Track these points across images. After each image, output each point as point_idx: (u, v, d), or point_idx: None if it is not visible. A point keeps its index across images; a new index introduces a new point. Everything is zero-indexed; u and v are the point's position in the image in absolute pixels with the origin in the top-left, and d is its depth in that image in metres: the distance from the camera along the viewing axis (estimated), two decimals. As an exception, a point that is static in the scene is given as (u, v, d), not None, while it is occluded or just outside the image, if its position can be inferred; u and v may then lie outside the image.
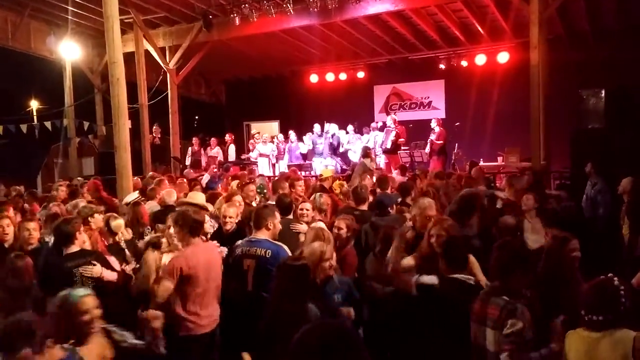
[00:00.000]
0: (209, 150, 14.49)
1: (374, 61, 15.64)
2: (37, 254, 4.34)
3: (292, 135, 14.82)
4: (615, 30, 12.43)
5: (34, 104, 15.58)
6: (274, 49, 14.26)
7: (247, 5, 11.03)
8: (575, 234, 3.63)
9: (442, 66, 14.56)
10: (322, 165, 13.45)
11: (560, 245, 3.54)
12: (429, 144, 12.45)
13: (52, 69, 13.48)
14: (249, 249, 4.01)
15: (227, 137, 14.88)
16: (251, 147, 14.91)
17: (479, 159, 11.45)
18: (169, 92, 13.10)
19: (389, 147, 12.78)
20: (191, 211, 4.00)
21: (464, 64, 14.24)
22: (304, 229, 4.72)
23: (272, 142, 15.04)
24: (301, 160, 14.36)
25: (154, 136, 13.60)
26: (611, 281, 2.63)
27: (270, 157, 14.59)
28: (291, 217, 5.05)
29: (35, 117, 13.98)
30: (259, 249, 3.95)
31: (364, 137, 14.00)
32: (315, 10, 10.65)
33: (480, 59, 13.76)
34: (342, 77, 16.09)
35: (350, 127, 14.21)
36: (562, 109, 10.49)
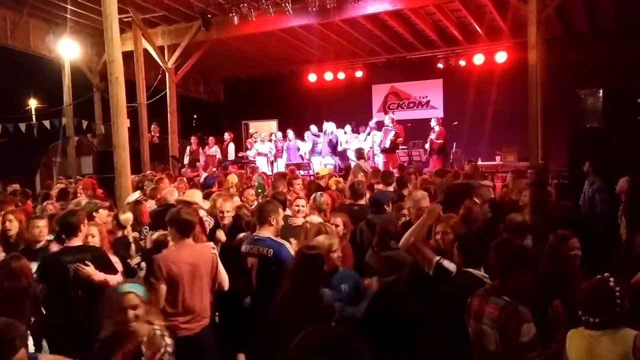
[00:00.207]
0: (207, 149, 14.49)
1: (373, 60, 15.66)
2: (45, 251, 4.42)
3: (290, 133, 14.80)
4: (613, 30, 12.47)
5: (33, 103, 15.56)
6: (272, 48, 14.28)
7: (245, 4, 11.04)
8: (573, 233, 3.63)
9: (440, 65, 14.60)
10: (321, 164, 13.43)
11: (560, 243, 3.53)
12: (428, 143, 12.44)
13: (51, 68, 13.46)
14: (252, 247, 4.04)
15: (226, 136, 14.88)
16: (249, 145, 14.93)
17: (476, 159, 11.45)
18: (168, 91, 13.12)
19: (388, 146, 12.78)
20: (183, 211, 3.81)
21: (462, 63, 14.27)
22: (300, 222, 4.93)
23: (270, 140, 15.05)
24: (300, 159, 14.36)
25: (152, 135, 13.58)
26: (606, 282, 2.60)
27: (268, 155, 14.61)
28: (288, 212, 5.24)
29: (33, 116, 13.97)
30: (261, 248, 3.97)
31: (360, 136, 13.97)
32: (313, 9, 10.66)
33: (478, 59, 13.80)
34: (341, 76, 16.10)
35: (348, 127, 14.21)
36: (560, 109, 10.51)
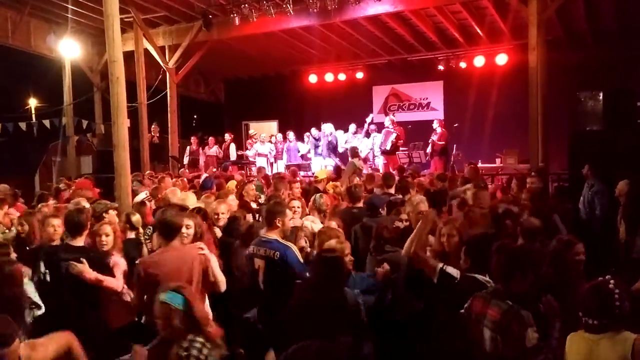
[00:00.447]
0: (207, 149, 14.49)
1: (373, 62, 15.64)
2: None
3: (290, 135, 14.80)
4: (613, 32, 12.44)
5: (33, 102, 15.50)
6: (273, 48, 14.28)
7: (246, 5, 11.05)
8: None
9: (440, 67, 14.57)
10: (322, 165, 13.41)
11: (564, 248, 3.50)
12: (430, 145, 12.43)
13: (52, 67, 13.44)
14: (259, 248, 4.05)
15: (227, 136, 14.86)
16: (249, 146, 14.92)
17: (477, 161, 11.43)
18: (168, 91, 13.13)
19: (389, 148, 12.78)
20: (169, 214, 3.69)
21: (462, 65, 14.24)
22: (298, 223, 5.02)
23: (270, 141, 15.04)
24: (300, 160, 14.35)
25: (152, 135, 13.59)
26: (606, 285, 2.62)
27: (268, 156, 14.60)
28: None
29: (33, 115, 13.89)
30: (268, 250, 3.98)
31: (359, 136, 13.89)
32: (314, 10, 10.66)
33: (478, 61, 13.78)
34: (341, 77, 16.08)
35: (352, 126, 14.02)
36: (561, 111, 10.52)
